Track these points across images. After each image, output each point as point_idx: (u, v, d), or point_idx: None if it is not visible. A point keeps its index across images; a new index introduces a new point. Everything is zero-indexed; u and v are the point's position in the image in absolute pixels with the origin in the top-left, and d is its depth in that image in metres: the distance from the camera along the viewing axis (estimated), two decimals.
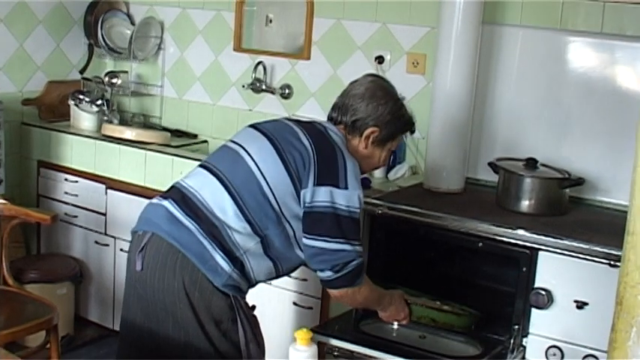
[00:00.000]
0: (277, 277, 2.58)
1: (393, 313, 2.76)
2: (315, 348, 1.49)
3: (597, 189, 3.26)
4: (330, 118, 2.65)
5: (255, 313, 2.56)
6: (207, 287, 2.39)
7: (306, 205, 2.42)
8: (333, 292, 2.51)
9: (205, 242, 2.39)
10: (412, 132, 2.75)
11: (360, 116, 2.57)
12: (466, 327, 2.87)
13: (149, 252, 2.46)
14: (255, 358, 2.49)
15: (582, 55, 3.28)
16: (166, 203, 2.49)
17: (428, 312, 2.82)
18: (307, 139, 2.48)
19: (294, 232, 2.48)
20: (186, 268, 2.39)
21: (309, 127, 2.56)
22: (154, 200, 2.56)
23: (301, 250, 2.50)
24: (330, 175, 2.43)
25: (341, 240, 2.41)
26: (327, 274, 2.44)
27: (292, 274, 2.99)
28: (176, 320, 2.42)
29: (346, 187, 2.43)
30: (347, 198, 2.42)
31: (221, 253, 2.38)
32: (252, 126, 2.62)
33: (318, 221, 2.42)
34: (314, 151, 2.45)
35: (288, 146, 2.47)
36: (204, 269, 2.38)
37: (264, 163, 2.45)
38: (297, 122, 2.60)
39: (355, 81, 2.69)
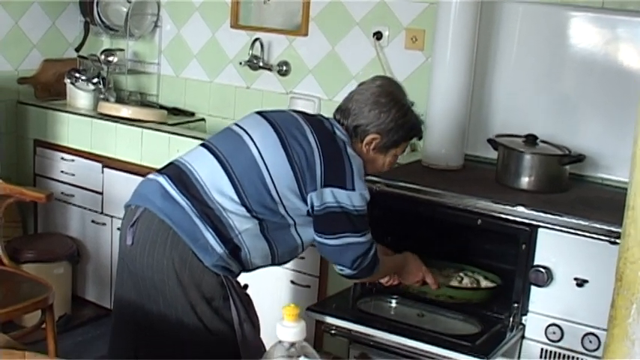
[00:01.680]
0: (273, 263, 2.55)
1: (411, 277, 2.79)
2: (303, 324, 1.46)
3: (598, 166, 3.22)
4: (335, 119, 2.60)
5: (252, 292, 2.54)
6: (198, 266, 2.36)
7: (316, 208, 2.42)
8: (354, 280, 2.67)
9: (198, 221, 2.36)
10: (419, 138, 2.70)
11: (362, 122, 2.52)
12: (485, 300, 2.86)
13: (140, 227, 2.43)
14: (251, 338, 2.47)
15: (583, 30, 3.23)
16: (161, 179, 2.46)
17: (444, 290, 2.82)
18: (314, 138, 2.45)
19: (294, 222, 2.47)
20: (176, 246, 2.37)
21: (317, 124, 2.51)
22: (150, 175, 2.53)
23: (300, 238, 2.51)
24: (336, 176, 2.42)
25: (353, 234, 2.44)
26: (347, 272, 2.51)
27: None
28: (165, 298, 2.40)
29: (353, 189, 2.42)
30: (354, 199, 2.43)
31: (213, 232, 2.35)
32: (259, 113, 2.58)
33: (329, 221, 2.43)
34: (320, 151, 2.42)
35: (293, 141, 2.43)
36: (194, 247, 2.36)
37: (268, 152, 2.42)
38: (305, 117, 2.55)
39: (363, 83, 2.63)
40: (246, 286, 2.53)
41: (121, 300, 2.55)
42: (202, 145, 2.55)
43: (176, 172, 2.47)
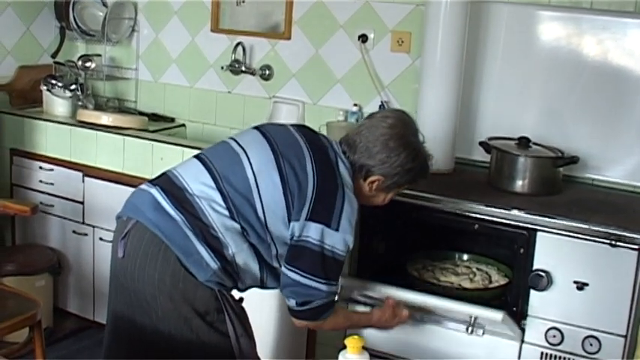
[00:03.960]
0: (262, 286, 2.50)
1: (385, 323, 2.72)
2: (366, 356, 1.40)
3: (588, 166, 3.22)
4: (341, 148, 2.52)
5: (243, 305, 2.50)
6: (191, 281, 2.31)
7: (294, 237, 2.36)
8: (294, 320, 2.49)
9: (191, 235, 2.30)
10: (426, 178, 2.61)
11: (367, 163, 2.45)
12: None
13: (131, 240, 2.38)
14: (248, 352, 2.44)
15: (572, 31, 3.22)
16: (154, 191, 2.40)
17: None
18: (312, 169, 2.37)
19: (277, 251, 2.41)
20: (168, 261, 2.31)
21: (320, 154, 2.43)
22: (143, 186, 2.47)
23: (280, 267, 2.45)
24: (324, 213, 2.35)
25: (319, 279, 2.37)
26: (292, 304, 2.42)
27: None
28: (157, 312, 2.35)
29: (337, 229, 2.35)
30: (335, 240, 2.35)
31: (207, 247, 2.30)
32: (260, 130, 2.50)
33: (302, 255, 2.36)
34: (315, 185, 2.35)
35: (290, 169, 2.36)
36: (187, 262, 2.30)
37: (262, 178, 2.36)
38: (309, 142, 2.45)
39: (373, 116, 2.54)
40: (241, 300, 2.49)
41: (113, 313, 2.49)
42: (197, 157, 2.49)
43: (169, 185, 2.41)
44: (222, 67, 4.08)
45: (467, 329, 2.77)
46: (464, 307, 2.74)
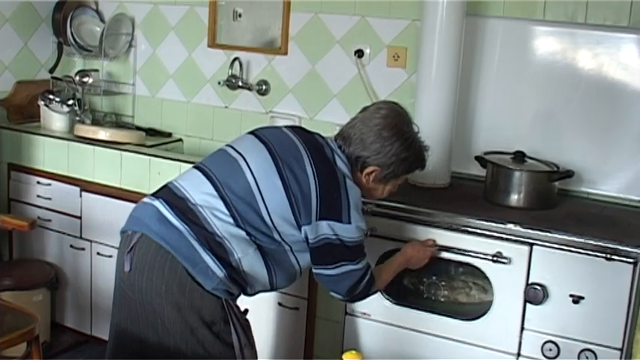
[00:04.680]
0: (272, 289, 2.52)
1: (419, 254, 2.82)
2: None
3: (583, 180, 3.24)
4: (337, 143, 2.55)
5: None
6: (197, 290, 2.34)
7: (311, 240, 2.41)
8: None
9: (196, 245, 2.33)
10: (422, 168, 2.65)
11: (363, 154, 2.49)
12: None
13: (138, 252, 2.40)
14: None
15: (566, 46, 3.25)
16: (157, 203, 2.43)
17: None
18: (312, 168, 2.40)
19: (290, 247, 2.45)
20: (175, 271, 2.33)
21: (317, 153, 2.46)
22: (145, 199, 2.50)
23: (298, 263, 2.50)
24: (332, 210, 2.39)
25: (347, 262, 2.44)
26: (340, 297, 2.54)
27: None
28: (164, 323, 2.37)
29: (349, 222, 2.40)
30: (350, 231, 2.42)
31: (212, 256, 2.33)
32: (255, 134, 2.54)
33: (324, 252, 2.42)
34: (317, 183, 2.38)
35: (289, 171, 2.39)
36: (193, 272, 2.33)
37: (264, 181, 2.39)
38: (305, 142, 2.48)
39: (366, 109, 2.58)
40: (246, 311, 2.51)
41: (117, 327, 2.51)
42: (196, 167, 2.51)
43: (171, 196, 2.44)
44: (219, 82, 4.09)
45: (464, 342, 2.78)
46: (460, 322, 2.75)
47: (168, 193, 2.45)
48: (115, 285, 2.52)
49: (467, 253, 2.82)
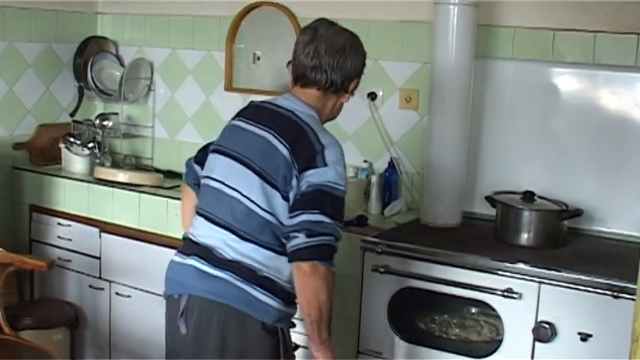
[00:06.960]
0: None
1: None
2: None
3: (593, 219, 3.27)
4: (302, 85, 2.53)
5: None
6: (256, 329, 2.36)
7: (292, 199, 2.38)
8: (302, 265, 2.32)
9: (244, 286, 2.36)
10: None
11: (348, 74, 2.55)
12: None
13: (190, 313, 2.41)
14: None
15: (574, 86, 3.30)
16: (192, 261, 2.44)
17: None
18: (284, 146, 2.38)
19: None
20: (232, 318, 2.36)
21: (282, 124, 2.43)
22: (177, 259, 2.51)
23: None
24: (307, 161, 2.35)
25: (322, 213, 2.33)
26: (299, 240, 2.32)
27: None
28: None
29: (325, 165, 2.36)
30: (329, 175, 2.35)
31: (261, 290, 2.36)
32: (225, 154, 2.48)
33: (302, 200, 2.35)
34: (291, 153, 2.36)
35: (274, 173, 2.37)
36: (250, 311, 2.35)
37: (259, 199, 2.38)
38: (267, 125, 2.43)
39: (306, 30, 2.54)
40: (296, 347, 2.55)
41: None
42: (199, 214, 2.52)
43: (199, 249, 2.45)
44: None
45: None
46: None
47: (195, 248, 2.46)
48: (166, 349, 2.55)
49: (478, 288, 2.84)
